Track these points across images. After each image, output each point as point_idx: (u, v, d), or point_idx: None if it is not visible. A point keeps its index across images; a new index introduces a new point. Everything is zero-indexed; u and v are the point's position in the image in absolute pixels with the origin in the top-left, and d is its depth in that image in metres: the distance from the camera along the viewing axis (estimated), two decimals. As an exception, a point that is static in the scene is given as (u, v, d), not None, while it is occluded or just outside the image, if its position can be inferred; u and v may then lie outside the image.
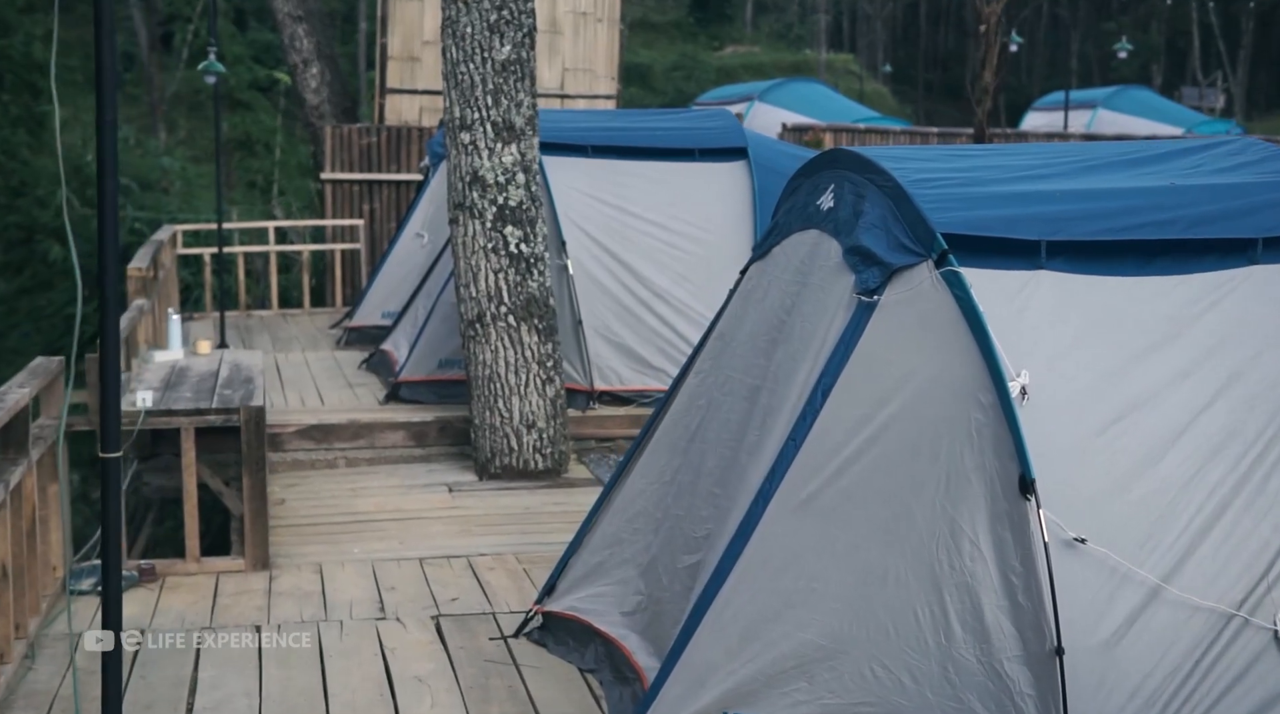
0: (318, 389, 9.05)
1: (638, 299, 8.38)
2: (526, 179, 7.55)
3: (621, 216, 8.53)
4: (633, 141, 8.81)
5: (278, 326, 12.38)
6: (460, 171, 7.51)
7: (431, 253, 10.61)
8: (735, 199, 8.69)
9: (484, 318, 7.52)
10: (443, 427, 8.15)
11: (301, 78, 14.94)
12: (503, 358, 7.52)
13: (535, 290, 7.56)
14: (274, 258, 13.42)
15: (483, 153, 7.45)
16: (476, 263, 7.52)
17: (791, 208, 4.73)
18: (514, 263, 7.50)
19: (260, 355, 7.50)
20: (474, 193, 7.47)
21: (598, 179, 8.64)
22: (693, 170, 8.79)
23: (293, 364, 10.11)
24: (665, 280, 8.42)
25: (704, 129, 9.05)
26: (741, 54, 43.32)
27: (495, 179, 7.45)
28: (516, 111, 7.48)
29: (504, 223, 7.48)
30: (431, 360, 8.52)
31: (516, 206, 7.50)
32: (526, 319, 7.53)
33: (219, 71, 9.97)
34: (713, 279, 8.35)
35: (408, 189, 13.86)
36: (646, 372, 8.38)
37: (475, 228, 7.49)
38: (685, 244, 8.51)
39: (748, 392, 4.32)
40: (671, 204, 8.63)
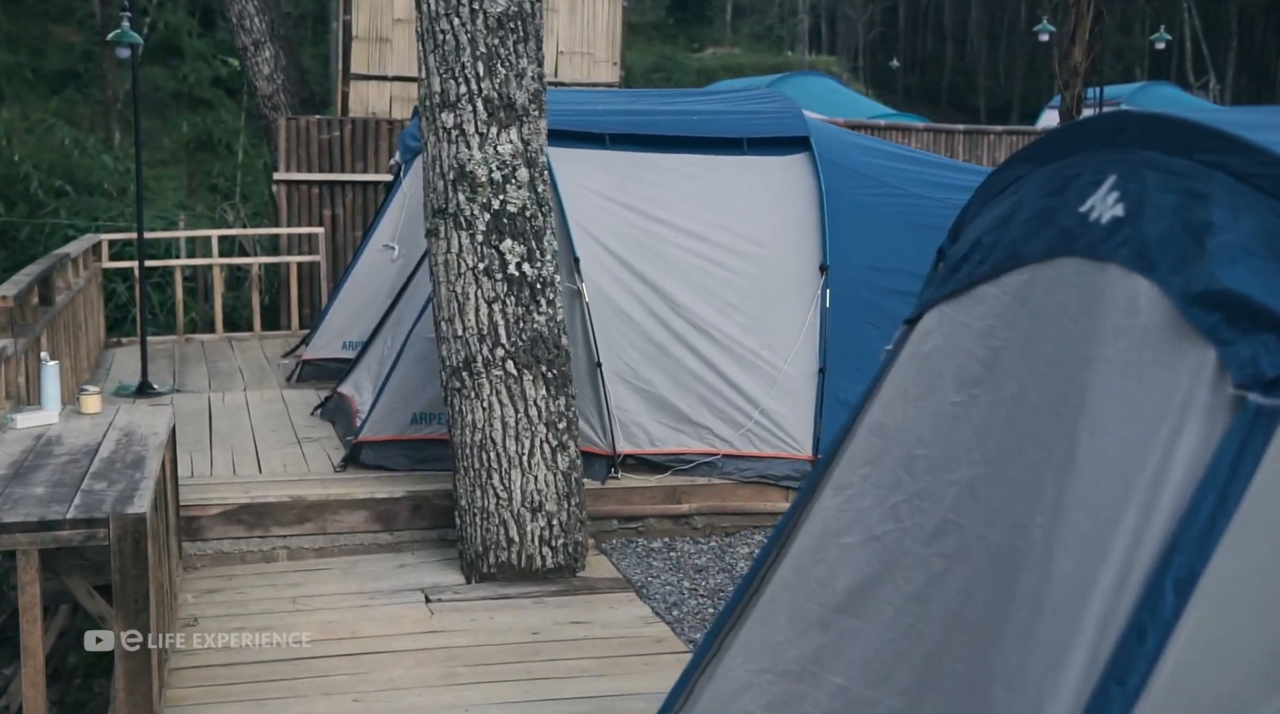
0: (256, 447, 7.03)
1: (673, 334, 6.41)
2: (531, 176, 5.58)
3: (650, 226, 6.56)
4: (663, 128, 6.84)
5: (220, 355, 10.35)
6: (441, 166, 5.54)
7: (404, 269, 8.63)
8: (796, 202, 6.73)
9: (473, 364, 5.54)
10: (417, 505, 6.15)
11: (252, 62, 12.90)
12: (499, 418, 5.54)
13: (543, 326, 5.58)
14: (218, 272, 11.38)
15: (472, 140, 5.48)
16: (463, 290, 5.54)
17: (1010, 218, 2.77)
18: (514, 290, 5.53)
19: (168, 417, 5.50)
20: (460, 195, 5.50)
21: (619, 177, 6.68)
22: (741, 165, 6.83)
23: (230, 410, 8.09)
24: (708, 310, 6.46)
25: (754, 113, 7.09)
26: (722, 55, 42.82)
27: (489, 176, 5.48)
28: (517, 84, 5.51)
29: (501, 235, 5.51)
30: (403, 414, 6.53)
31: (517, 213, 5.53)
32: (531, 366, 5.56)
33: (133, 42, 7.96)
34: (769, 308, 6.40)
35: (376, 191, 11.85)
36: (684, 429, 6.41)
37: (462, 242, 5.51)
38: (733, 262, 6.55)
39: (989, 559, 2.36)
40: (714, 209, 6.67)
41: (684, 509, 6.37)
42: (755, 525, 6.42)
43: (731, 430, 6.40)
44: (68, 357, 7.99)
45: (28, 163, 16.94)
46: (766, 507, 6.42)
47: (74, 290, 8.52)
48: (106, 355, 10.22)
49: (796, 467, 6.42)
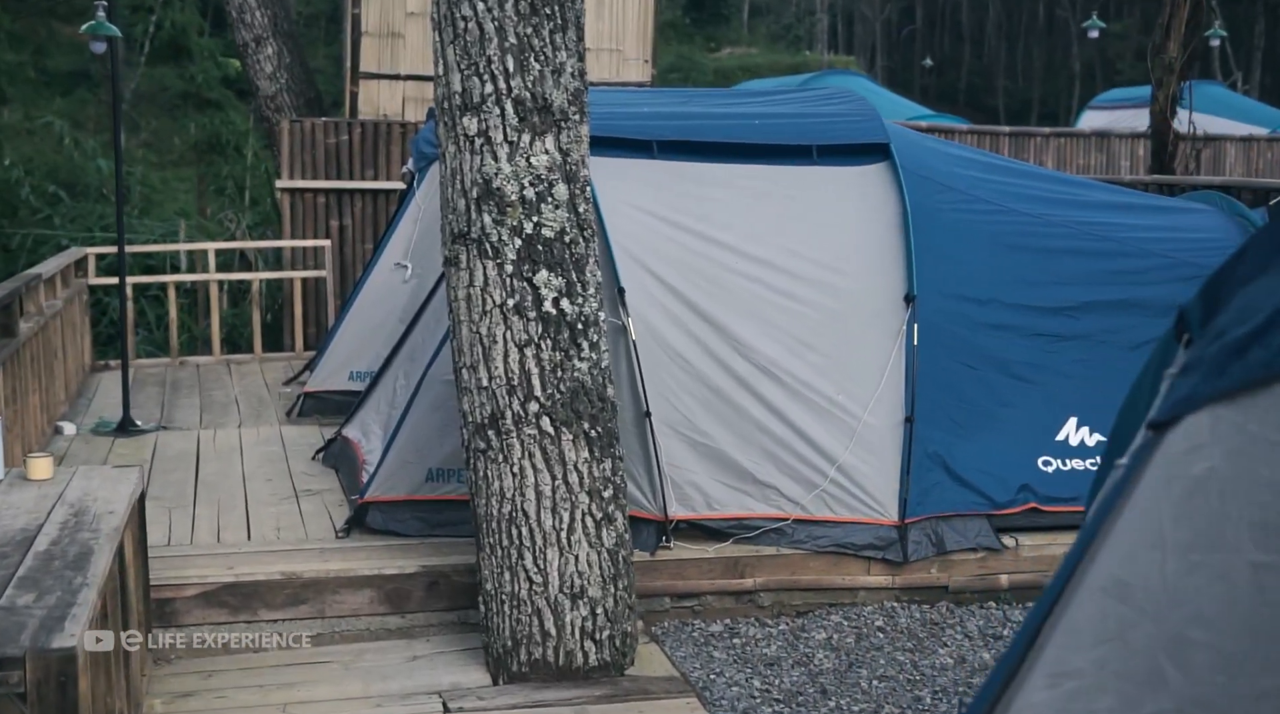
0: (247, 503, 6.08)
1: (734, 378, 5.44)
2: (570, 193, 4.62)
3: (707, 249, 5.59)
4: (720, 134, 5.86)
5: (216, 382, 9.41)
6: (462, 181, 4.58)
7: (417, 291, 7.69)
8: (876, 221, 5.76)
9: (501, 421, 4.58)
10: (433, 582, 5.19)
11: (253, 60, 11.96)
12: (533, 486, 4.58)
13: (585, 375, 4.62)
14: (215, 289, 10.44)
15: (499, 150, 4.52)
16: (489, 331, 4.57)
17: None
18: (551, 331, 4.56)
19: (132, 485, 4.53)
20: (485, 216, 4.54)
21: (669, 191, 5.71)
22: (811, 177, 5.86)
23: (221, 452, 7.14)
24: (776, 348, 5.48)
25: (824, 116, 6.11)
26: (739, 55, 42.46)
27: (520, 193, 4.52)
28: (554, 81, 4.55)
29: (534, 265, 4.54)
30: (416, 469, 5.57)
31: (554, 238, 4.57)
32: (571, 422, 4.59)
33: (110, 34, 7.02)
34: (847, 346, 5.44)
35: (386, 200, 10.91)
36: (748, 489, 5.43)
37: (487, 273, 4.55)
38: (804, 292, 5.58)
39: None
40: (781, 230, 5.69)
41: (748, 585, 5.40)
42: (831, 603, 5.45)
43: (803, 491, 5.43)
44: (36, 392, 7.06)
45: (19, 167, 16.06)
46: (844, 581, 5.45)
47: (47, 315, 7.58)
48: (91, 382, 9.29)
49: (879, 534, 5.44)
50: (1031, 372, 5.77)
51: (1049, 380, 5.78)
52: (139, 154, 23.19)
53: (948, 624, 5.31)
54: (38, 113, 21.99)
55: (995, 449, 5.62)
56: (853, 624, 5.28)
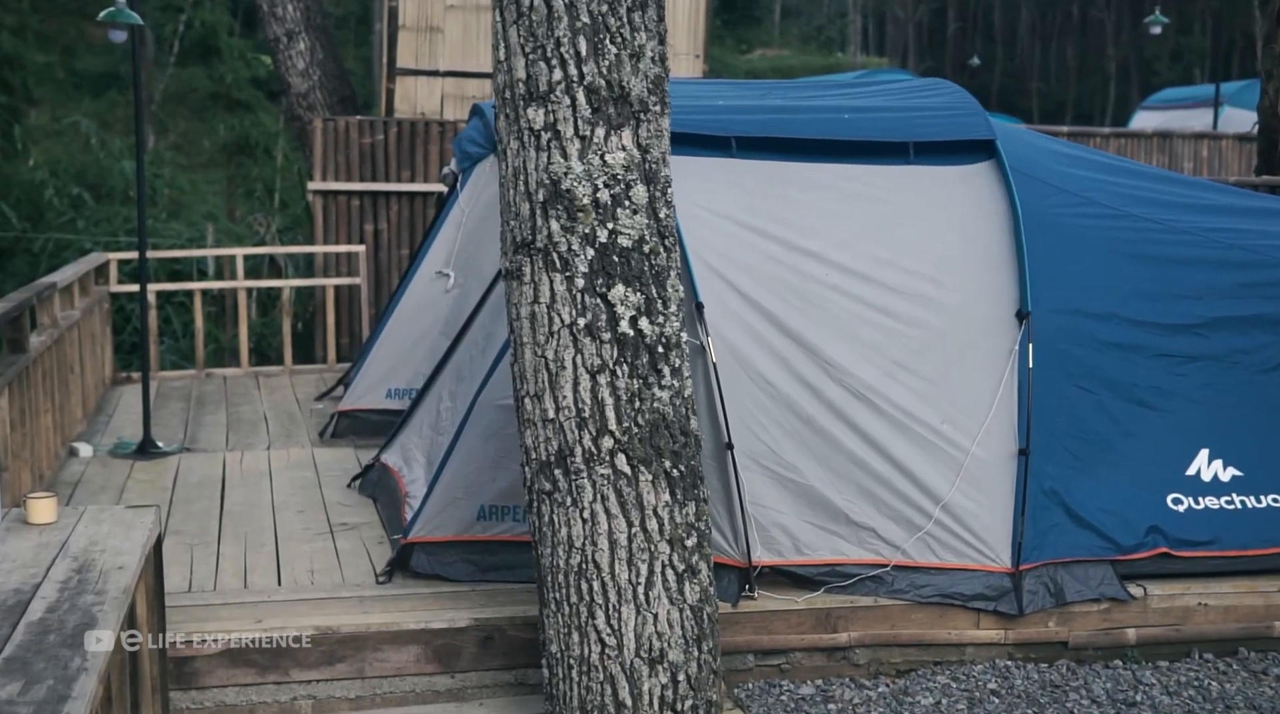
0: (277, 540, 5.48)
1: (826, 405, 4.81)
2: (650, 195, 4.00)
3: (795, 259, 4.95)
4: (806, 129, 5.22)
5: (243, 396, 8.84)
6: (526, 183, 3.97)
7: (460, 302, 7.11)
8: (983, 227, 5.12)
9: (570, 459, 3.97)
10: (486, 637, 4.57)
11: (284, 56, 11.39)
12: (606, 534, 3.96)
13: (666, 405, 4.00)
14: (243, 297, 9.87)
15: (570, 146, 3.91)
16: (557, 355, 3.97)
17: None
18: (628, 355, 3.95)
19: (145, 530, 3.94)
20: (553, 222, 3.92)
21: (751, 194, 5.08)
22: (909, 178, 5.22)
23: (248, 477, 6.55)
24: (872, 372, 4.85)
25: (921, 110, 5.47)
26: (770, 57, 42.23)
27: (593, 196, 3.91)
28: (633, 68, 3.94)
29: (609, 279, 3.93)
30: (466, 506, 4.97)
31: (632, 248, 3.95)
32: (651, 461, 3.98)
33: (132, 23, 6.44)
34: (952, 368, 4.82)
35: (424, 204, 10.33)
36: (841, 531, 4.80)
37: (555, 288, 3.94)
38: (904, 307, 4.94)
39: None
40: (877, 237, 5.06)
41: (842, 640, 4.77)
42: (936, 661, 4.81)
43: (904, 533, 4.79)
44: (49, 411, 6.49)
45: (44, 168, 15.57)
46: (951, 636, 4.81)
47: (62, 326, 7.01)
48: (111, 396, 8.73)
49: (990, 582, 4.80)
50: (1156, 397, 5.11)
51: (1176, 407, 5.13)
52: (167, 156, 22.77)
53: (1070, 687, 4.66)
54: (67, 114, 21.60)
55: (1119, 485, 4.97)
56: (962, 687, 4.64)
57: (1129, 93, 42.42)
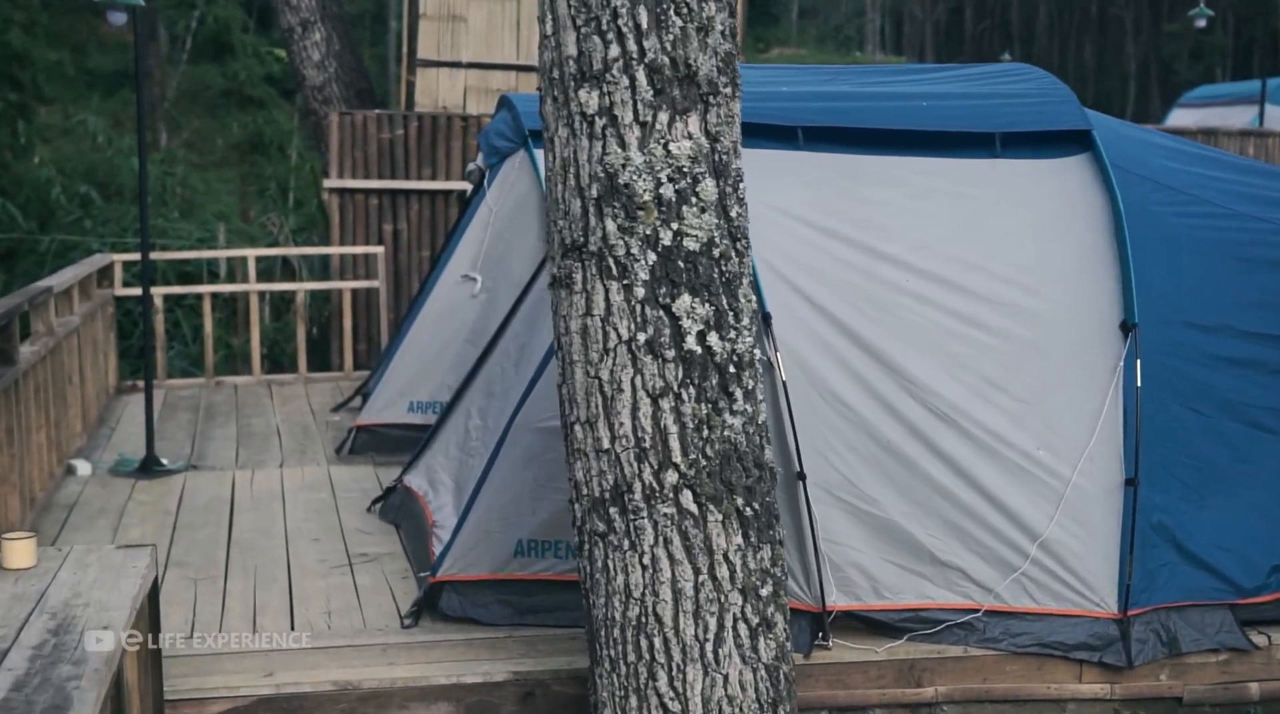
0: (290, 574, 4.95)
1: (908, 429, 4.26)
2: (721, 191, 3.46)
3: (871, 265, 4.40)
4: (881, 119, 4.67)
5: (254, 407, 8.32)
6: (577, 176, 3.43)
7: (488, 308, 6.61)
8: (1079, 228, 4.56)
9: (628, 496, 3.43)
10: (527, 693, 4.03)
11: (299, 46, 10.86)
12: (669, 582, 3.42)
13: (738, 433, 3.46)
14: (255, 300, 9.36)
15: (628, 133, 3.37)
16: (613, 375, 3.42)
17: None
18: (694, 375, 3.41)
19: (140, 573, 3.41)
20: (609, 222, 3.38)
21: (822, 191, 4.54)
22: (994, 173, 4.66)
23: (259, 500, 6.02)
24: (959, 391, 4.30)
25: (1007, 96, 4.91)
26: (788, 56, 42.41)
27: (655, 191, 3.36)
28: (700, 42, 3.40)
29: (674, 287, 3.39)
30: (501, 540, 4.43)
31: (700, 251, 3.41)
32: (721, 498, 3.44)
33: (132, 3, 5.92)
34: (1049, 387, 4.28)
35: (446, 202, 9.81)
36: (926, 571, 4.25)
37: (611, 298, 3.40)
38: (992, 317, 4.39)
39: None
40: (959, 238, 4.51)
41: (928, 695, 4.22)
42: (1034, 719, 4.27)
43: (997, 574, 4.24)
44: (43, 427, 5.98)
45: (50, 166, 15.08)
46: (1050, 690, 4.25)
47: (59, 334, 6.50)
48: (115, 407, 8.22)
49: (1095, 629, 4.25)
50: (1275, 419, 4.55)
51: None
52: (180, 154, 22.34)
53: (1187, 749, 4.11)
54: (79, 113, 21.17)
55: (1237, 519, 4.41)
56: (1066, 749, 4.09)
57: (1149, 91, 41.73)
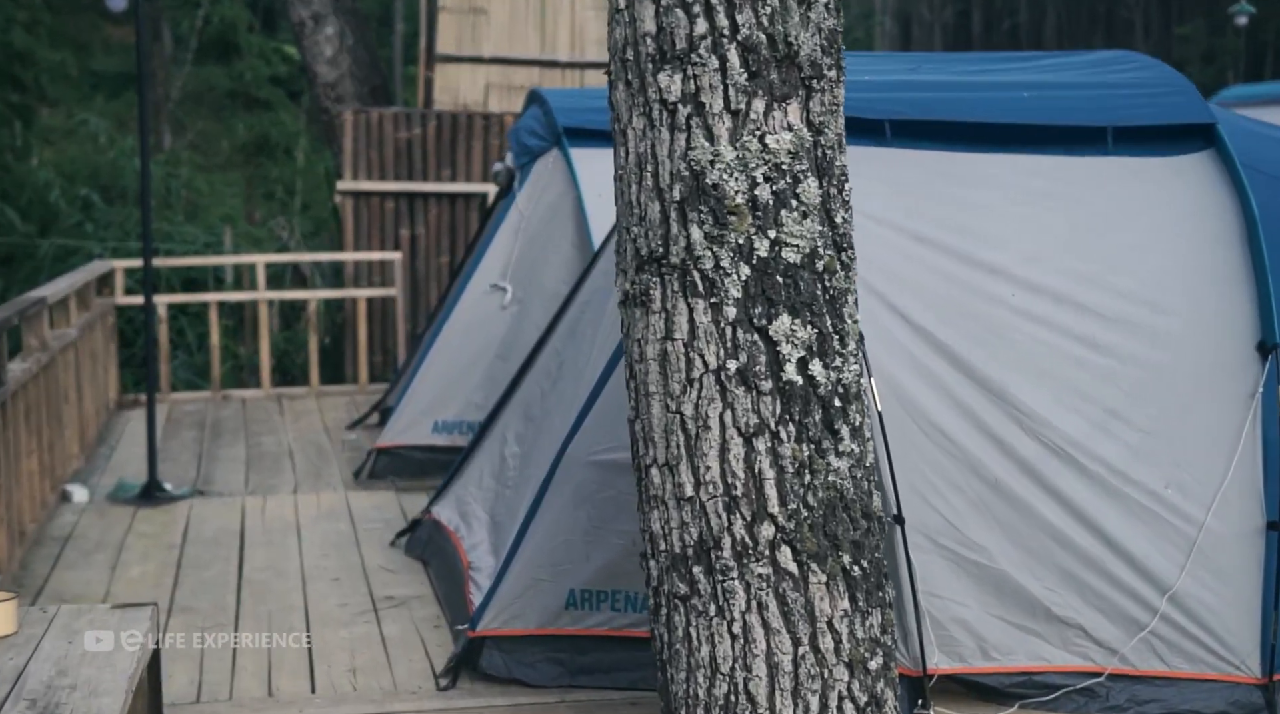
0: (308, 622, 4.42)
1: (1018, 465, 3.72)
2: (825, 192, 2.92)
3: (972, 277, 3.87)
4: (976, 112, 4.13)
5: (264, 424, 7.80)
6: (656, 175, 2.89)
7: (520, 320, 6.10)
8: (1205, 234, 4.01)
9: (717, 551, 2.89)
10: (587, 773, 3.52)
11: (311, 41, 10.35)
12: (763, 654, 2.88)
13: (845, 477, 2.91)
14: (264, 309, 8.84)
15: (717, 124, 2.83)
16: (700, 410, 2.88)
17: None
18: (794, 410, 2.86)
19: (136, 646, 2.89)
20: (693, 229, 2.84)
21: (913, 192, 4.00)
22: (1107, 172, 4.12)
23: (271, 532, 5.49)
24: (1076, 421, 3.76)
25: (1118, 87, 4.37)
26: None
27: (750, 193, 2.83)
28: (802, 18, 2.86)
29: (772, 307, 2.85)
30: (552, 590, 3.89)
31: (802, 264, 2.87)
32: (825, 555, 2.89)
33: (131, -12, 5.41)
34: (1178, 417, 3.74)
35: (466, 206, 9.29)
36: (1040, 629, 3.71)
37: (696, 319, 2.86)
38: (1111, 338, 3.85)
39: None
40: (1071, 246, 3.97)
41: (1043, 772, 3.69)
42: (1165, 801, 3.72)
43: (1122, 633, 3.70)
44: (34, 452, 5.45)
45: (49, 167, 14.59)
46: (1183, 766, 3.72)
47: (54, 348, 5.97)
48: (116, 423, 7.70)
49: (1235, 696, 3.70)
50: None
51: None
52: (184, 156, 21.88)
53: (1344, 836, 3.57)
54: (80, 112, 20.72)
55: (1391, 568, 3.88)
56: (1206, 837, 3.55)
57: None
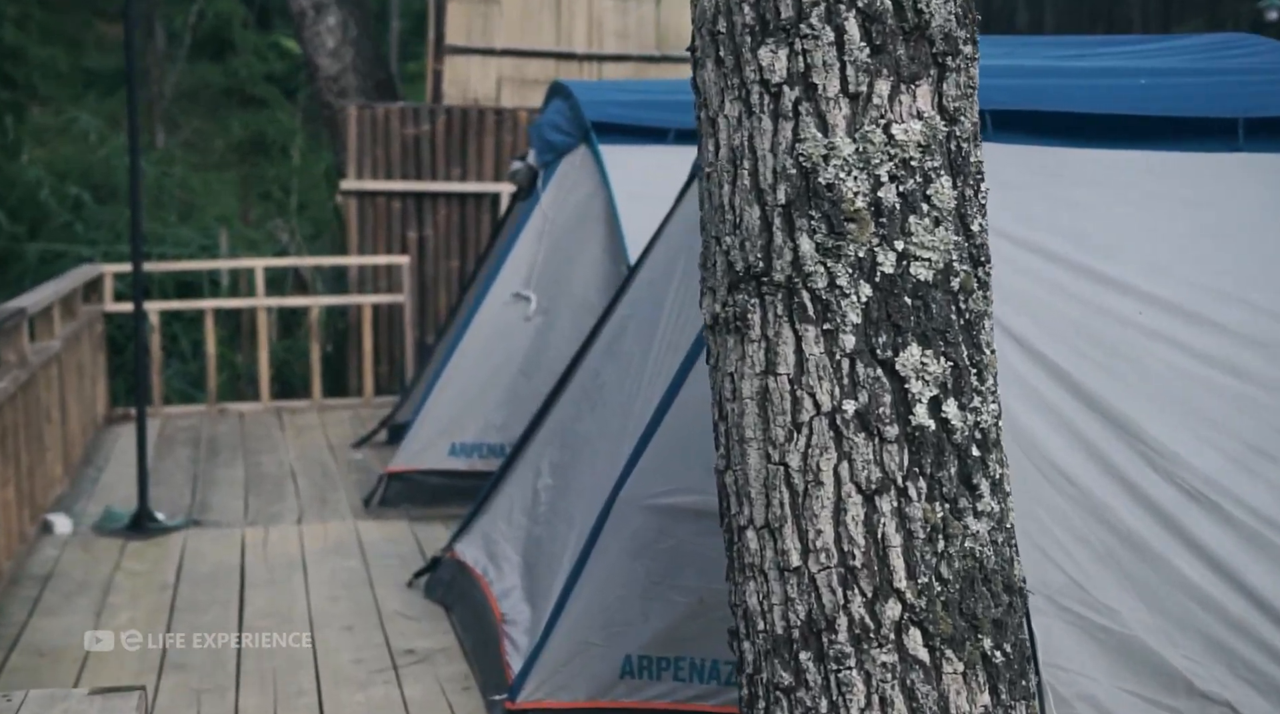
0: (319, 684, 3.89)
1: (1150, 511, 3.19)
2: (960, 193, 2.38)
3: (1089, 290, 3.33)
4: (1088, 102, 3.58)
5: (263, 441, 7.27)
6: (755, 173, 2.33)
7: (545, 333, 5.58)
8: (1356, 244, 3.50)
9: (831, 635, 2.33)
10: None
11: (312, 32, 9.82)
12: (886, 766, 2.35)
13: (985, 543, 2.36)
14: (263, 316, 8.30)
15: (832, 109, 2.27)
16: (809, 462, 2.32)
17: None
18: (926, 461, 2.31)
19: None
20: (802, 238, 2.28)
21: (1017, 193, 3.46)
22: (1237, 170, 3.59)
23: (274, 570, 4.96)
24: (1214, 459, 3.23)
25: (1245, 74, 3.85)
26: None
27: (872, 195, 2.28)
28: (936, -21, 2.33)
29: (898, 335, 2.29)
30: (605, 656, 3.36)
31: (935, 282, 2.31)
32: (963, 638, 2.35)
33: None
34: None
35: (477, 206, 8.75)
36: (1181, 705, 3.17)
37: (805, 350, 2.30)
38: (1255, 362, 3.32)
39: None
40: (1204, 258, 3.44)
41: None
42: None
43: (1276, 709, 3.18)
44: (11, 481, 4.90)
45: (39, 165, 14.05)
46: None
47: (34, 364, 5.44)
48: (104, 441, 7.17)
49: (1406, 783, 3.19)
50: None
51: None
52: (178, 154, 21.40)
53: None
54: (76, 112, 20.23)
55: None
56: None
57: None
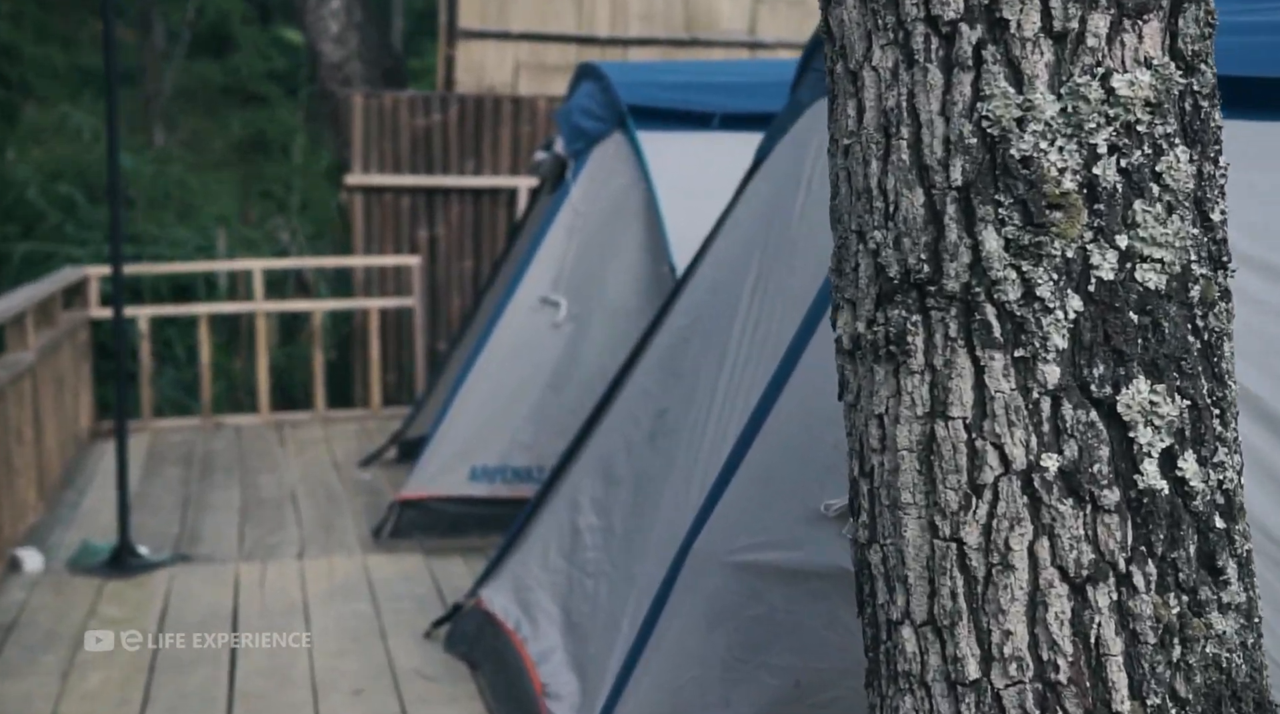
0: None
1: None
2: (1201, 171, 1.75)
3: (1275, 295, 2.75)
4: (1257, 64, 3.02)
5: (262, 459, 6.67)
6: (915, 144, 1.66)
7: (577, 341, 4.96)
8: None
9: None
10: None
11: (314, 17, 9.24)
12: None
13: (1234, 647, 1.74)
14: (262, 322, 7.70)
15: (1029, 56, 1.63)
16: (996, 536, 1.70)
17: None
18: (1156, 537, 1.66)
19: None
20: (985, 230, 1.65)
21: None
22: None
23: (272, 617, 4.35)
24: None
25: None
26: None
27: (1085, 172, 1.65)
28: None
29: (1119, 362, 1.65)
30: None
31: (1167, 292, 1.68)
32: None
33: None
34: None
35: (493, 203, 8.15)
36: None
37: (989, 384, 1.68)
38: None
39: None
40: None
41: None
42: None
43: None
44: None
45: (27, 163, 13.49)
46: None
47: (1, 380, 4.83)
48: (87, 459, 6.56)
49: None
50: None
51: None
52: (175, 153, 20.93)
53: None
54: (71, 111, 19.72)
55: None
56: None
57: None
